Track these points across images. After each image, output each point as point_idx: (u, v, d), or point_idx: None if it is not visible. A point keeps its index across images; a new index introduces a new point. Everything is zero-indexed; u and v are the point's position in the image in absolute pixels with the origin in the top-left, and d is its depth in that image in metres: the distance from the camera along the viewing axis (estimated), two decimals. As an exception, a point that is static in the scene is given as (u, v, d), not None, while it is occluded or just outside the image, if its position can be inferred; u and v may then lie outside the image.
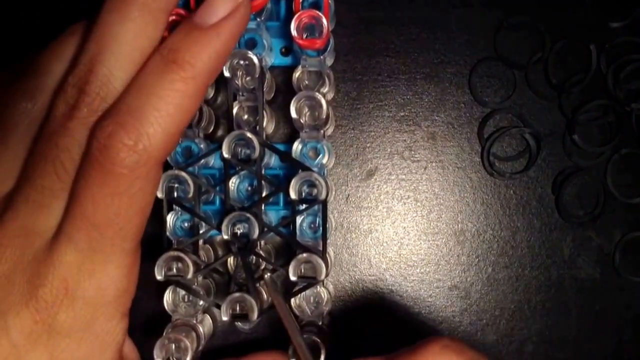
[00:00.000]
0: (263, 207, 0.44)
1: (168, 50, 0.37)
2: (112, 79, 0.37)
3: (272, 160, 0.47)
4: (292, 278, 0.43)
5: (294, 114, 0.43)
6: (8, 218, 0.38)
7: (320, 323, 0.46)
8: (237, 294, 0.43)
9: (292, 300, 0.45)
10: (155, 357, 0.43)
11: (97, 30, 0.37)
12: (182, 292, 0.45)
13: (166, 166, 0.43)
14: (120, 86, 0.37)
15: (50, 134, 0.38)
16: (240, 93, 0.44)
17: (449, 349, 0.38)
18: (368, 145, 0.51)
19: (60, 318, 0.37)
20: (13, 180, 0.39)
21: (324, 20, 0.42)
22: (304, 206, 0.44)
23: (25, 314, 0.37)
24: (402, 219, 0.51)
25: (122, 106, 0.36)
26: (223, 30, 0.37)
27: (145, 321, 0.50)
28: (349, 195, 0.51)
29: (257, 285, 0.44)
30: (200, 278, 0.45)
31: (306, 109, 0.44)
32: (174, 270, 0.43)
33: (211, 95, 0.49)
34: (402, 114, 0.51)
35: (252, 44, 0.46)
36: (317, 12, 0.42)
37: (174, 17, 0.40)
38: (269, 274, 0.43)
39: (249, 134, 0.42)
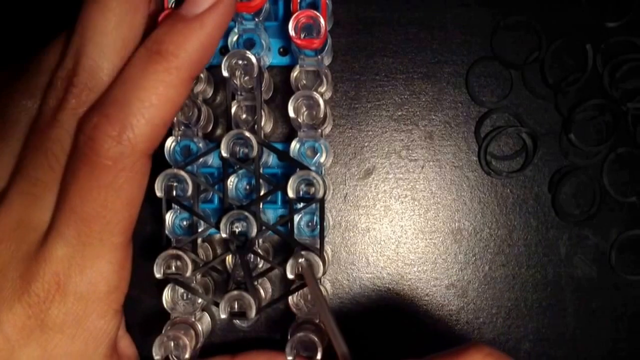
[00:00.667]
0: (261, 206, 0.44)
1: (152, 42, 0.37)
2: (98, 70, 0.38)
3: (270, 159, 0.48)
4: (290, 276, 0.43)
5: (291, 113, 0.44)
6: (3, 212, 0.38)
7: (317, 321, 0.46)
8: (235, 292, 0.43)
9: (290, 298, 0.45)
10: (154, 354, 0.43)
11: (80, 23, 0.38)
12: (181, 290, 0.45)
13: (165, 165, 0.43)
14: (107, 76, 0.38)
15: (41, 126, 0.38)
16: (239, 92, 0.45)
17: (491, 357, 0.38)
18: (366, 144, 0.51)
19: (53, 313, 0.37)
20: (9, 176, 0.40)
21: (322, 21, 0.42)
22: (301, 205, 0.44)
23: (18, 309, 0.37)
24: (400, 218, 0.51)
25: (107, 98, 0.36)
26: (207, 22, 0.37)
27: (145, 319, 0.50)
28: (346, 194, 0.51)
29: (256, 283, 0.45)
30: (198, 276, 0.46)
31: (304, 108, 0.44)
32: (173, 268, 0.44)
33: (210, 94, 0.49)
34: (399, 113, 0.51)
35: (250, 44, 0.46)
36: (315, 12, 0.42)
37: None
38: (303, 259, 0.43)
39: (247, 133, 0.42)
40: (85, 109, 0.37)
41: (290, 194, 0.43)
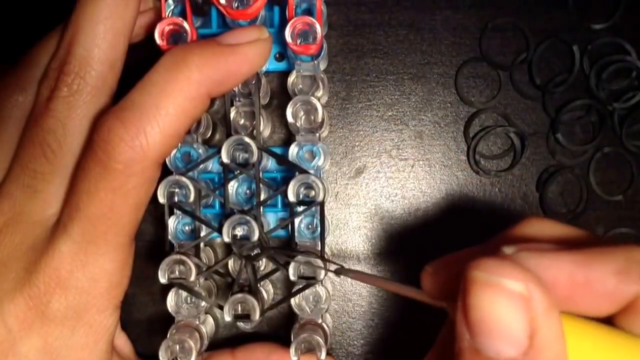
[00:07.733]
0: (262, 210, 0.45)
1: (180, 49, 0.38)
2: (89, 59, 0.38)
3: (269, 163, 0.48)
4: (292, 278, 0.44)
5: (290, 118, 0.44)
6: (4, 205, 0.39)
7: (319, 321, 0.46)
8: (239, 295, 0.44)
9: (292, 300, 0.46)
10: (160, 358, 0.43)
11: (74, 14, 0.39)
12: (185, 294, 0.45)
13: (167, 172, 0.43)
14: (99, 66, 0.39)
15: (36, 118, 0.39)
16: (237, 99, 0.45)
17: (544, 221, 0.34)
18: (357, 144, 0.52)
19: (53, 306, 0.38)
20: (6, 171, 0.40)
21: (318, 27, 0.42)
22: (302, 208, 0.44)
23: (20, 300, 0.38)
24: (390, 216, 0.52)
25: (125, 102, 0.37)
26: (239, 51, 0.38)
27: (150, 323, 0.50)
28: (338, 192, 0.52)
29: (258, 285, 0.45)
30: (202, 280, 0.46)
31: (302, 113, 0.45)
32: (177, 272, 0.44)
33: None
34: (390, 113, 0.52)
35: (247, 50, 0.46)
36: (311, 18, 0.42)
37: (172, 27, 0.41)
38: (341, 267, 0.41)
39: (247, 139, 0.42)
40: (77, 97, 0.38)
41: (291, 197, 0.43)
